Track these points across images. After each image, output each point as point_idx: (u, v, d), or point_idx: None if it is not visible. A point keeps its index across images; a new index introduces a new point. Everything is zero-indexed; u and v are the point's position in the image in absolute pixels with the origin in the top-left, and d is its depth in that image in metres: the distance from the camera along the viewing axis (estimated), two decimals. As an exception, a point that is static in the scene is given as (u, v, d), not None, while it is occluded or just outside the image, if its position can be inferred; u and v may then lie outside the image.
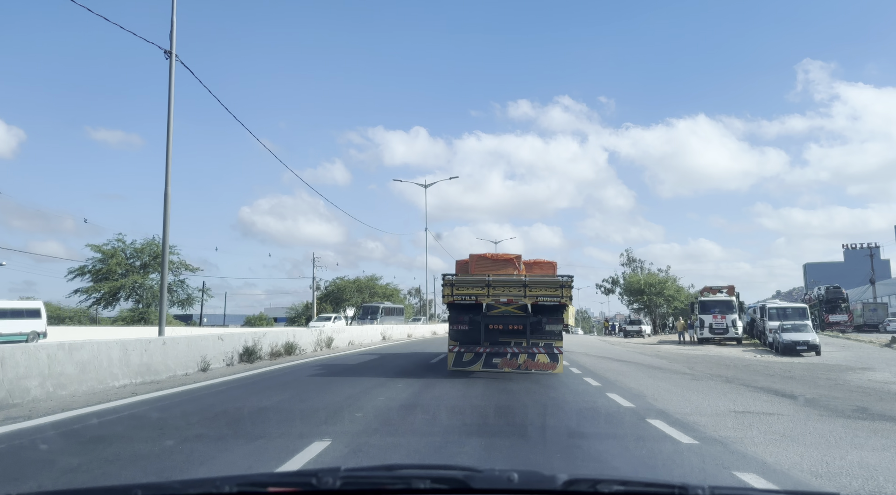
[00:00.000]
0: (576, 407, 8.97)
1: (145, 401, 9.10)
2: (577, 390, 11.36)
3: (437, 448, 5.97)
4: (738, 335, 34.47)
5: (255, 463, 5.12)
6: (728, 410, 8.99)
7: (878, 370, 17.83)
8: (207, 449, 5.62)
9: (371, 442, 6.13)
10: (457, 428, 7.30)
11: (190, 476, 4.54)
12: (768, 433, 7.08)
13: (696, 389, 12.07)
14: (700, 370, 17.22)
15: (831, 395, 11.44)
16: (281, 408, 8.31)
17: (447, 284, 13.76)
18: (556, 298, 13.43)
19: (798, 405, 9.93)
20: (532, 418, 8.13)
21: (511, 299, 13.59)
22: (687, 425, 7.42)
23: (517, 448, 6.16)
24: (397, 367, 15.72)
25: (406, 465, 2.18)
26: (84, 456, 5.42)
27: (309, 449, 5.62)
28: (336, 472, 1.88)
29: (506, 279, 13.74)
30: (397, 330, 38.09)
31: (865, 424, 7.94)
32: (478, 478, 1.85)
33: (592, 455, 5.76)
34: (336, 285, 73.45)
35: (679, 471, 5.10)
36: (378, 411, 8.21)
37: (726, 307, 34.83)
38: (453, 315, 14.24)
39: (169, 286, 54.34)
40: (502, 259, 14.83)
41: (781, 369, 18.11)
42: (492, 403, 9.36)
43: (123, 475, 4.69)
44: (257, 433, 6.60)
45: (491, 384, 11.86)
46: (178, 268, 62.00)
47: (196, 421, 7.42)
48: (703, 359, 22.25)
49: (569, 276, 13.62)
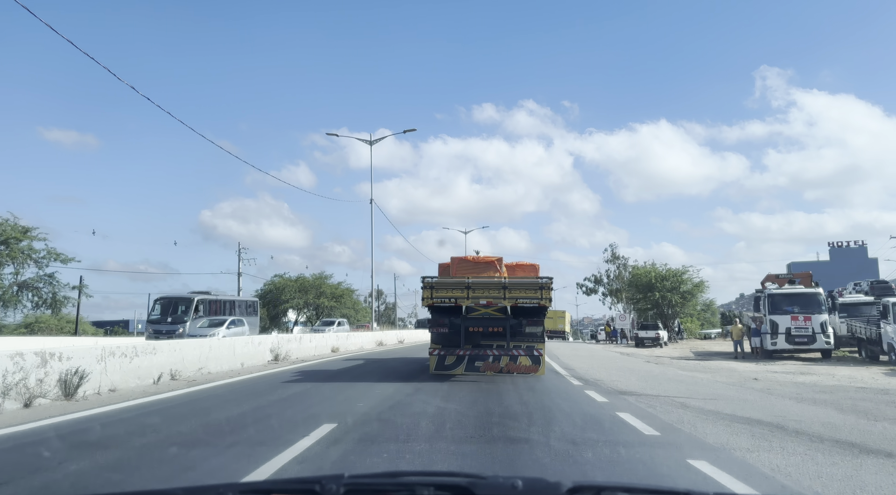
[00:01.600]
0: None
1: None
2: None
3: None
4: (830, 345, 24.21)
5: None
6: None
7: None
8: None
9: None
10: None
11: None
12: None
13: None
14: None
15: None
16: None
17: (426, 287, 13.73)
18: (535, 300, 13.45)
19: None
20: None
21: (490, 301, 13.59)
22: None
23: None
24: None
25: (410, 472, 2.16)
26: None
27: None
28: (339, 479, 1.87)
29: (485, 281, 13.74)
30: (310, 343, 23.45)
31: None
32: (481, 485, 1.83)
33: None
34: (274, 285, 59.40)
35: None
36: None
37: (811, 303, 24.83)
38: (434, 318, 14.25)
39: (28, 282, 39.99)
40: (483, 261, 14.83)
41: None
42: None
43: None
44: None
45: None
46: (45, 259, 40.51)
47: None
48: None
49: (548, 278, 13.65)
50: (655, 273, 53.50)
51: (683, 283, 52.36)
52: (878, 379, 16.04)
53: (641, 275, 54.38)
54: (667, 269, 54.05)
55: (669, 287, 51.78)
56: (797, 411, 9.34)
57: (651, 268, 55.05)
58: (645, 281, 53.34)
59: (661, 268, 54.42)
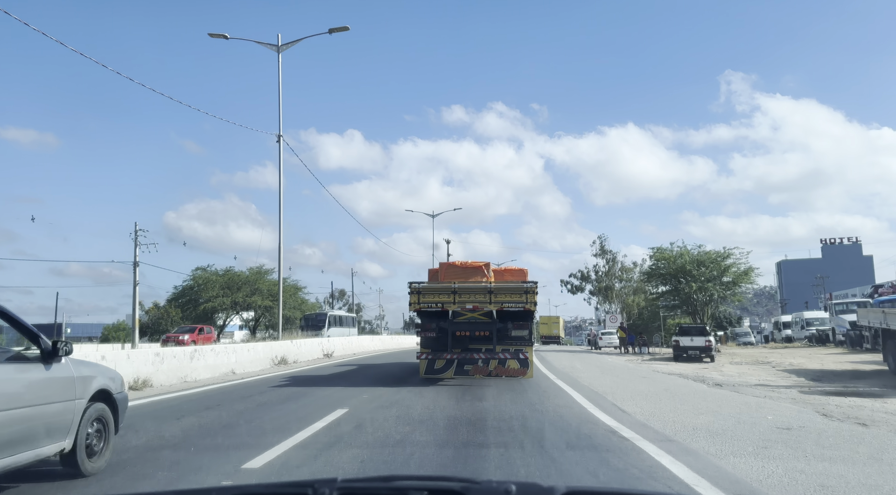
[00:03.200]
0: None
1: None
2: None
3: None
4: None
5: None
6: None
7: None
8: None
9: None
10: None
11: None
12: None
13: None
14: None
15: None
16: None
17: (414, 292, 14.05)
18: (520, 304, 13.73)
19: None
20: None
21: (476, 306, 13.87)
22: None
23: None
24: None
25: (403, 476, 2.13)
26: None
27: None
28: (333, 483, 1.87)
29: (471, 286, 14.03)
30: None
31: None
32: (475, 490, 1.83)
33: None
34: (195, 280, 48.53)
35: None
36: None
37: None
38: (423, 322, 14.54)
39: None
40: (471, 267, 15.12)
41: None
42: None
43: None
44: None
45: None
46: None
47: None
48: None
49: (533, 282, 13.95)
50: (689, 257, 38.32)
51: (727, 271, 37.64)
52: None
53: (670, 260, 38.75)
54: (703, 252, 38.71)
55: (708, 275, 37.25)
56: None
57: (683, 251, 38.99)
58: (676, 266, 38.17)
59: (694, 251, 38.99)
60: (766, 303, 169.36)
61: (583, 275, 59.12)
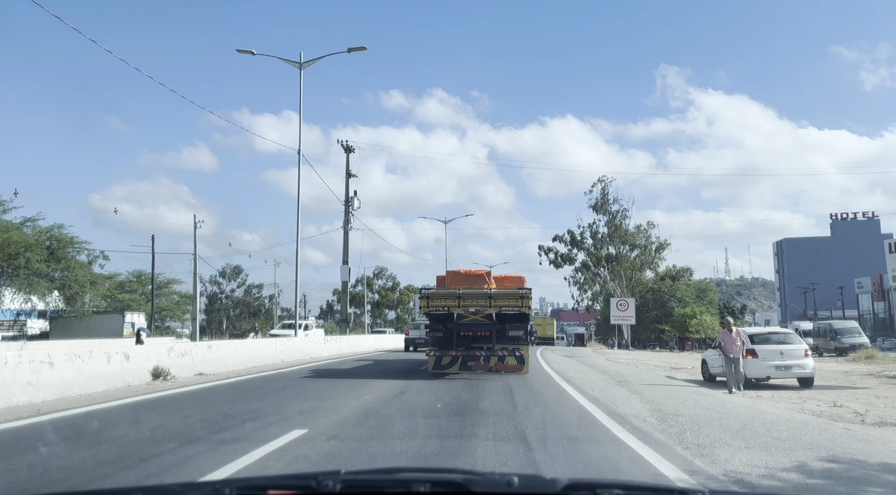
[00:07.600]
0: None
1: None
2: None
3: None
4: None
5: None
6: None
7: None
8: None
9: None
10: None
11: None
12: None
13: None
14: None
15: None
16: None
17: (423, 297, 16.13)
18: (516, 308, 15.73)
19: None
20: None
21: (478, 309, 15.86)
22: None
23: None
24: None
25: (406, 468, 2.22)
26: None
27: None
28: (336, 475, 1.89)
29: (474, 292, 16.02)
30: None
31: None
32: (478, 482, 1.85)
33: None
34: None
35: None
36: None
37: None
38: (431, 324, 16.61)
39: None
40: (475, 274, 17.18)
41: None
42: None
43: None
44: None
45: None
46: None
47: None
48: None
49: (527, 289, 15.98)
50: (685, 286, 40.35)
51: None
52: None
53: (665, 292, 38.72)
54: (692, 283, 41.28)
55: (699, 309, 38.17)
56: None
57: (676, 286, 39.95)
58: (664, 297, 38.42)
59: (685, 283, 41.16)
60: (756, 288, 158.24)
61: (573, 239, 41.77)
